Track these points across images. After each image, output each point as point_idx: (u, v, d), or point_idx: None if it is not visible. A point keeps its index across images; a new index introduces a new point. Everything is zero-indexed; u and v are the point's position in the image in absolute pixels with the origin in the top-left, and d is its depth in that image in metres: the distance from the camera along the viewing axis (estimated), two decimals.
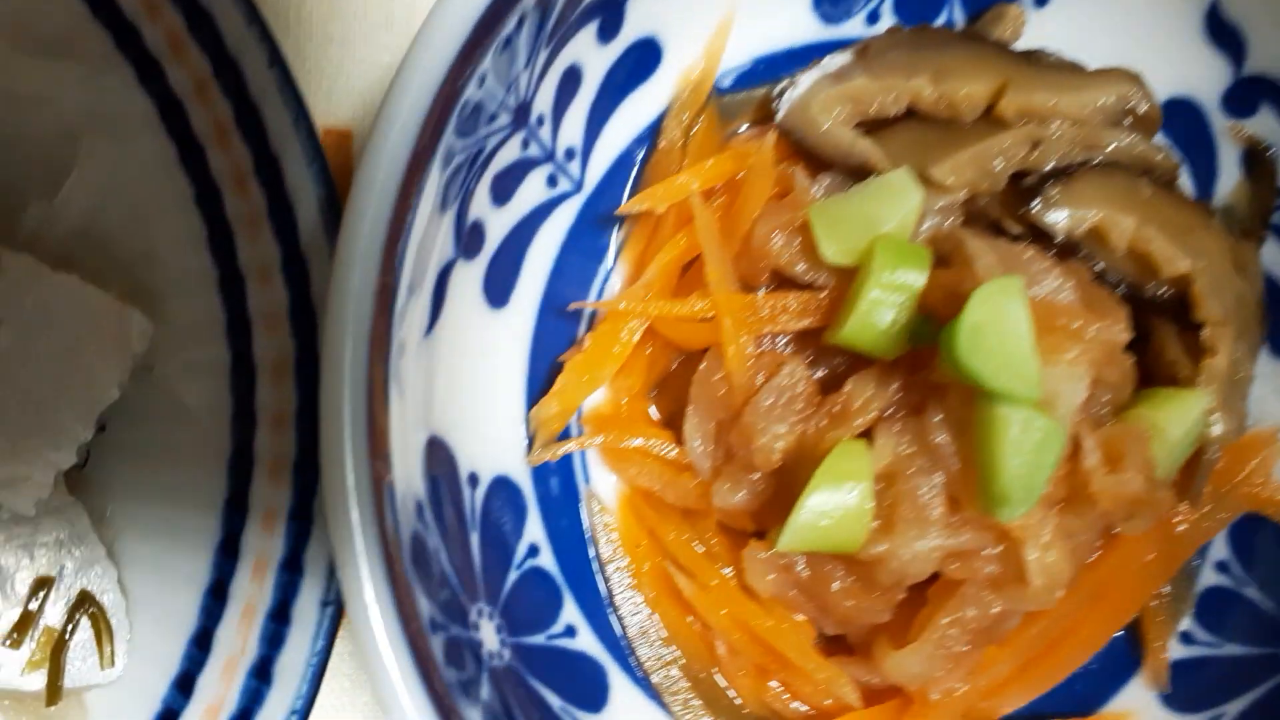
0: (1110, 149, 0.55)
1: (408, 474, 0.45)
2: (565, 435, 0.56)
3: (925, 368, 0.50)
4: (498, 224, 0.52)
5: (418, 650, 0.41)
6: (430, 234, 0.46)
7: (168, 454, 0.51)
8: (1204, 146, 0.58)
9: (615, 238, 0.58)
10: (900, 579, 0.49)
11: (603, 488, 0.57)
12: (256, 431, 0.50)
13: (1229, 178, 0.58)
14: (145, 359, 0.51)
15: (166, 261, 0.51)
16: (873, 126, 0.56)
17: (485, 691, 0.46)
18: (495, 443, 0.53)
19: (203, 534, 0.50)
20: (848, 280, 0.52)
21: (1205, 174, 0.58)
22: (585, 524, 0.56)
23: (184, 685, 0.49)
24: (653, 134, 0.57)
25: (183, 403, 0.51)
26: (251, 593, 0.48)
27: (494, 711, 0.45)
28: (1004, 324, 0.45)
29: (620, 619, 0.55)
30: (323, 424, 0.40)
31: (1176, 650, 0.56)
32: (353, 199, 0.41)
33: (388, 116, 0.41)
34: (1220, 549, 0.57)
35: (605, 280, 0.58)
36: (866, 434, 0.50)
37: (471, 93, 0.44)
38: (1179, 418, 0.51)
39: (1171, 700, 0.55)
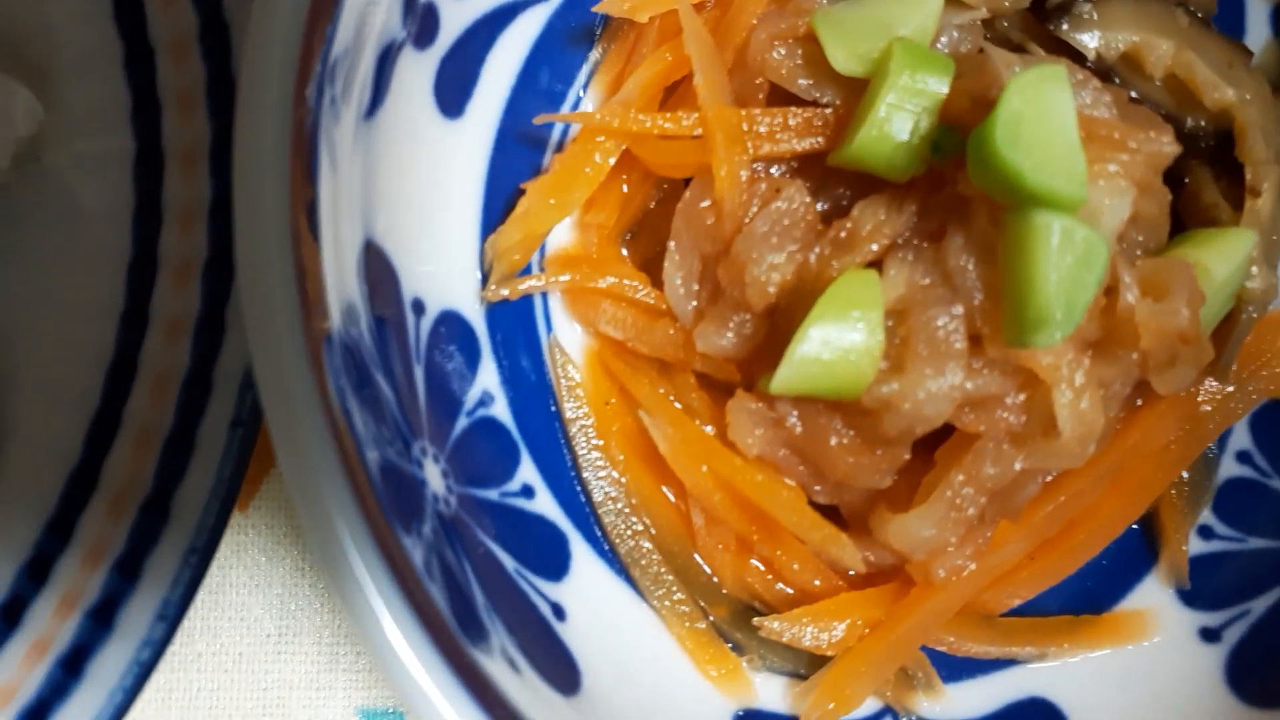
0: None
1: (342, 269, 0.38)
2: (526, 274, 0.49)
3: (946, 188, 0.44)
4: (454, 15, 0.45)
5: (344, 456, 0.34)
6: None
7: (56, 258, 0.44)
8: (1232, 3, 0.53)
9: (590, 57, 0.51)
10: (910, 427, 0.43)
11: (567, 338, 0.50)
12: (162, 232, 0.42)
13: (1258, 35, 0.53)
14: (32, 147, 0.43)
15: (62, 34, 0.44)
16: None
17: (428, 529, 0.39)
18: (445, 270, 0.46)
19: (95, 350, 0.42)
20: (856, 96, 0.46)
21: (1234, 32, 0.53)
22: (548, 378, 0.49)
23: (61, 526, 0.41)
24: None
25: (76, 199, 0.44)
26: (148, 415, 0.41)
27: (438, 551, 0.38)
28: (1046, 115, 0.39)
29: (584, 484, 0.49)
30: (236, 170, 0.33)
31: (1196, 545, 0.51)
32: None
33: None
34: (1241, 438, 0.52)
35: (576, 105, 0.51)
36: (877, 266, 0.44)
37: None
38: (1224, 256, 0.45)
39: (1191, 597, 0.51)
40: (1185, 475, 0.52)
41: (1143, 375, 0.45)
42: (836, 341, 0.42)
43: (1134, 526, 0.52)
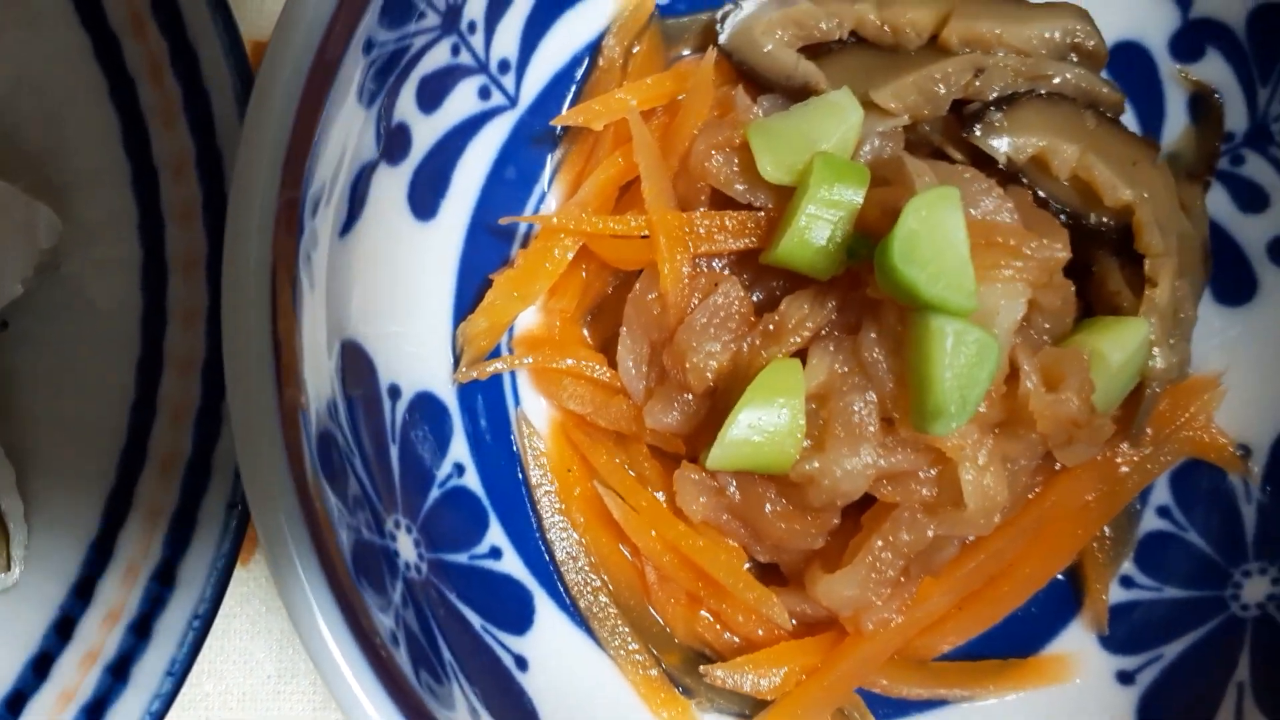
0: (1055, 80, 0.54)
1: (320, 377, 0.43)
2: (495, 355, 0.54)
3: (861, 287, 0.48)
4: (425, 130, 0.50)
5: (324, 550, 0.39)
6: (349, 127, 0.44)
7: (75, 352, 0.49)
8: (1151, 90, 0.57)
9: (552, 157, 0.56)
10: (832, 499, 0.48)
11: (533, 411, 0.55)
12: (166, 330, 0.48)
13: (1176, 122, 0.57)
14: (53, 256, 0.49)
15: (77, 156, 0.49)
16: (816, 51, 0.55)
17: (398, 599, 0.44)
18: (419, 358, 0.52)
19: (109, 434, 0.48)
20: (786, 201, 0.51)
21: (1152, 118, 0.58)
22: (515, 447, 0.55)
23: (83, 590, 0.47)
24: (592, 53, 0.56)
25: (91, 300, 0.49)
26: (157, 495, 0.46)
27: (406, 621, 0.44)
28: (940, 232, 0.44)
29: (548, 544, 0.54)
30: (224, 326, 0.38)
31: (1116, 593, 0.55)
32: (264, 71, 0.39)
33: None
34: (1162, 493, 0.56)
35: (541, 201, 0.56)
36: (802, 355, 0.49)
37: None
38: (1119, 344, 0.50)
39: (1110, 643, 0.55)
40: (1108, 530, 0.56)
41: (1047, 450, 0.50)
42: (763, 425, 0.47)
43: (1060, 576, 0.56)
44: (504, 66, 0.53)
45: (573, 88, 0.56)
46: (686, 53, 0.57)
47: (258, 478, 0.39)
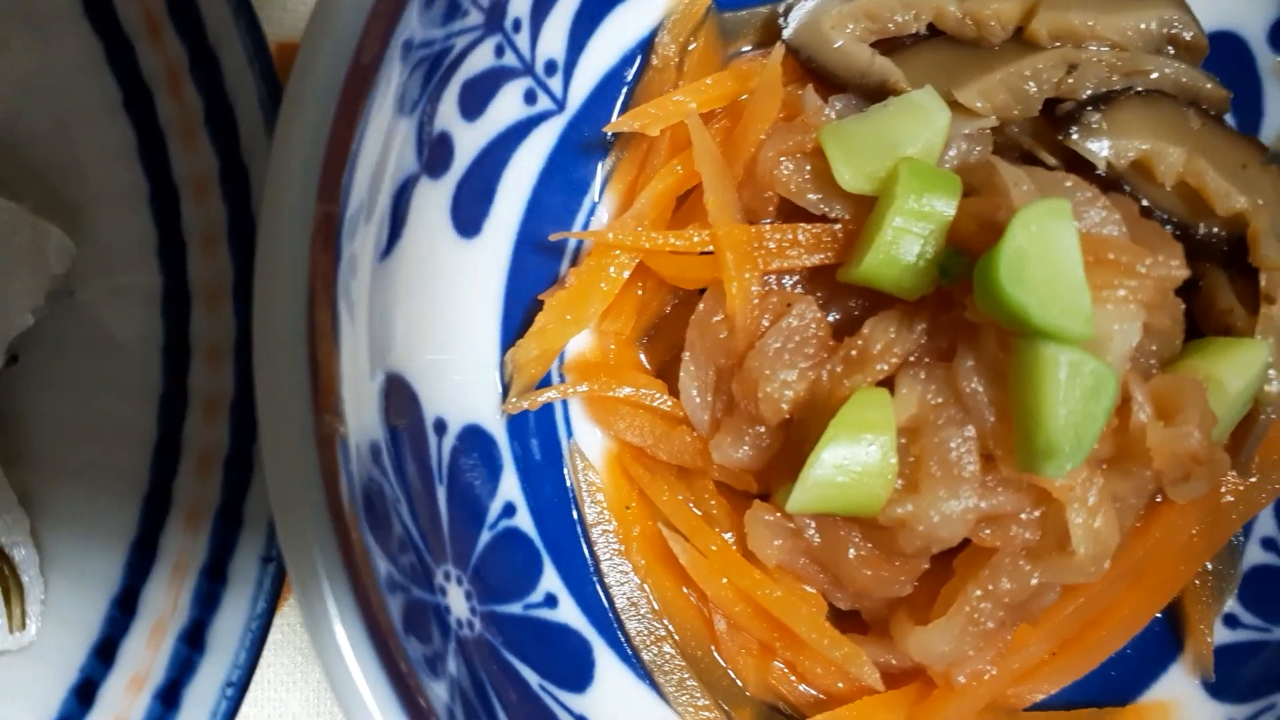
0: (1154, 76, 0.50)
1: (362, 414, 0.39)
2: (546, 383, 0.50)
3: (954, 308, 0.44)
4: (468, 140, 0.46)
5: (370, 614, 0.35)
6: (389, 138, 0.40)
7: (91, 389, 0.45)
8: (1249, 84, 0.53)
9: (603, 166, 0.52)
10: (926, 545, 0.44)
11: (588, 443, 0.51)
12: (191, 365, 0.44)
13: (1275, 119, 0.53)
14: (66, 282, 0.45)
15: (91, 173, 0.45)
16: (890, 47, 0.51)
17: (452, 664, 0.40)
18: (466, 387, 0.47)
19: (129, 480, 0.44)
20: (865, 211, 0.46)
21: (1251, 114, 0.54)
22: (568, 483, 0.50)
23: (105, 652, 0.43)
24: (644, 51, 0.52)
25: (108, 332, 0.45)
26: (183, 547, 0.42)
27: (462, 687, 0.39)
28: (1051, 251, 0.39)
29: (607, 589, 0.50)
30: (255, 352, 0.34)
31: (1221, 634, 0.51)
32: (295, 77, 0.35)
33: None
34: (1267, 524, 0.52)
35: (591, 212, 0.52)
36: (888, 383, 0.45)
37: None
38: (1238, 369, 0.45)
39: (1216, 689, 0.51)
40: (1209, 565, 0.52)
41: (1158, 487, 0.45)
42: (850, 464, 0.43)
43: (1159, 616, 0.52)
44: (551, 68, 0.49)
45: (624, 89, 0.52)
46: (747, 49, 0.53)
47: (293, 531, 0.35)
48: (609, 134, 0.51)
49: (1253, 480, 0.51)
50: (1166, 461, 0.43)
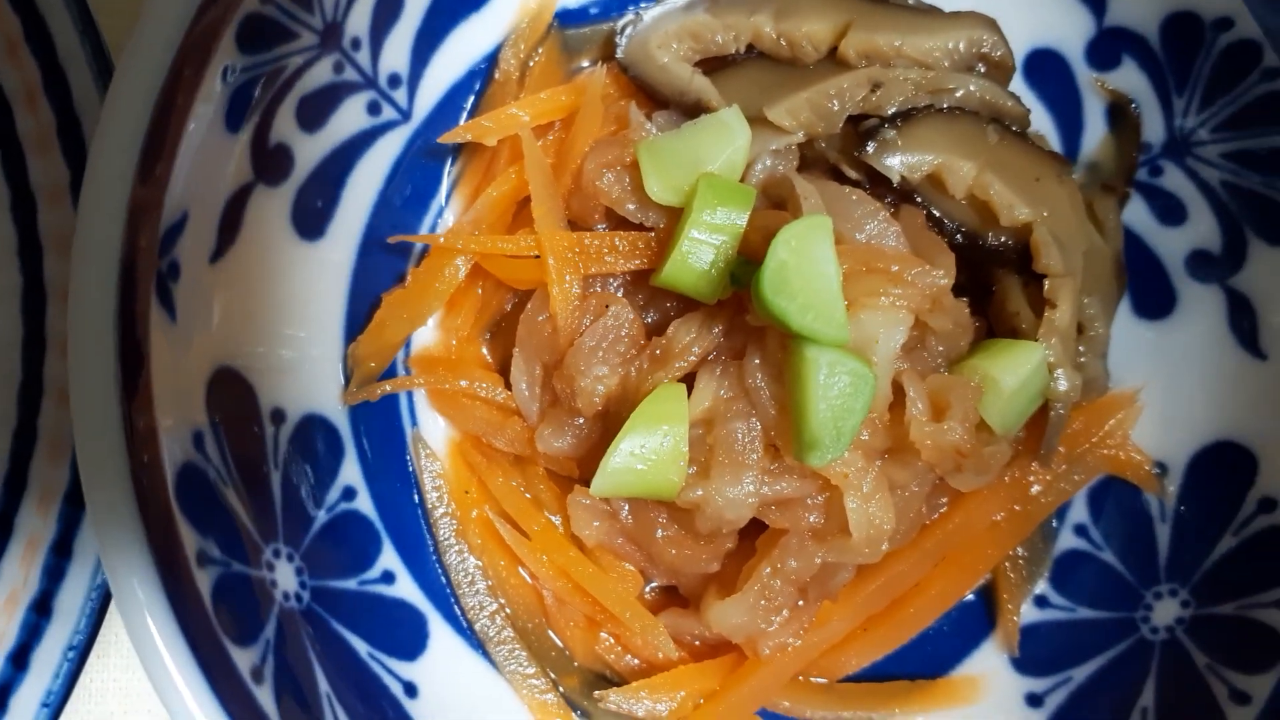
0: (958, 94, 0.53)
1: (182, 402, 0.43)
2: (391, 375, 0.54)
3: (747, 311, 0.48)
4: (308, 150, 0.50)
5: (174, 585, 0.39)
6: (215, 155, 0.43)
7: None
8: (1069, 99, 0.57)
9: (449, 173, 0.55)
10: (718, 526, 0.48)
11: (431, 432, 0.55)
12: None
13: (1095, 132, 0.56)
14: None
15: None
16: (714, 65, 0.54)
17: (270, 631, 0.44)
18: (307, 379, 0.51)
19: None
20: (676, 221, 0.50)
21: (1071, 127, 0.57)
22: (410, 468, 0.54)
23: None
24: (490, 65, 0.55)
25: None
26: (36, 525, 0.46)
27: (281, 652, 0.43)
28: (810, 263, 0.43)
29: (445, 568, 0.53)
30: (70, 356, 0.38)
31: (1031, 614, 0.55)
32: (105, 111, 0.38)
33: (143, 29, 0.39)
34: (1079, 512, 0.55)
35: (439, 217, 0.55)
36: (691, 379, 0.49)
37: (253, 5, 0.42)
38: (1012, 369, 0.49)
39: (1021, 664, 0.54)
40: (1022, 549, 0.55)
41: (940, 479, 0.49)
42: (646, 452, 0.47)
43: (973, 596, 0.55)
44: (394, 81, 0.52)
45: (470, 99, 0.55)
46: (587, 64, 0.56)
47: (103, 515, 0.39)
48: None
49: (1059, 471, 0.54)
50: (933, 454, 0.47)
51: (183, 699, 0.38)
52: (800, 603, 0.51)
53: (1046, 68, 0.56)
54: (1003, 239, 0.52)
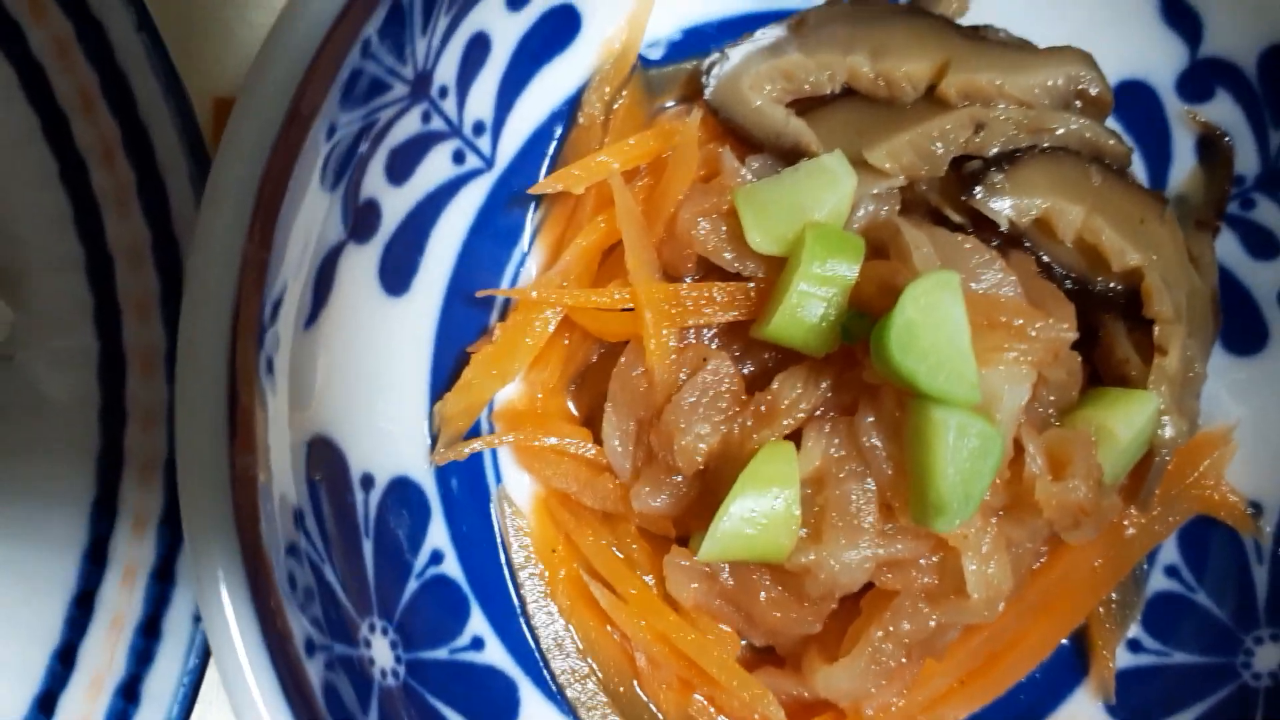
0: (1059, 133, 0.52)
1: (282, 479, 0.41)
2: (475, 433, 0.52)
3: (858, 366, 0.46)
4: (396, 204, 0.48)
5: (286, 674, 0.37)
6: (312, 215, 0.42)
7: (30, 450, 0.47)
8: (1158, 132, 0.55)
9: (531, 220, 0.54)
10: (830, 590, 0.46)
11: (516, 489, 0.53)
12: (126, 428, 0.46)
13: (1183, 165, 0.55)
14: (4, 348, 0.46)
15: (28, 242, 0.46)
16: (807, 105, 0.53)
17: (374, 716, 0.42)
18: (394, 441, 0.49)
19: (68, 538, 0.45)
20: (777, 270, 0.48)
21: (1159, 160, 0.55)
22: (496, 527, 0.52)
23: (45, 705, 0.45)
24: (572, 109, 0.53)
25: (46, 395, 0.47)
26: (120, 603, 0.44)
27: None
28: (939, 322, 0.42)
29: (533, 630, 0.52)
30: (178, 424, 0.36)
31: (1124, 658, 0.53)
32: (214, 175, 0.36)
33: (253, 89, 0.37)
34: (1170, 553, 0.54)
35: (520, 265, 0.54)
36: (796, 435, 0.47)
37: (356, 60, 0.40)
38: (1128, 420, 0.47)
39: (1117, 711, 0.53)
40: (1113, 594, 0.53)
41: (1051, 533, 0.48)
42: (756, 516, 0.45)
43: (1065, 641, 0.54)
44: (479, 128, 0.51)
45: (553, 144, 0.53)
46: (671, 104, 0.55)
47: (213, 605, 0.37)
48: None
49: (1154, 513, 0.53)
50: (1055, 512, 0.45)
51: None
52: (904, 660, 0.49)
53: (1135, 99, 0.55)
54: (1112, 284, 0.50)
